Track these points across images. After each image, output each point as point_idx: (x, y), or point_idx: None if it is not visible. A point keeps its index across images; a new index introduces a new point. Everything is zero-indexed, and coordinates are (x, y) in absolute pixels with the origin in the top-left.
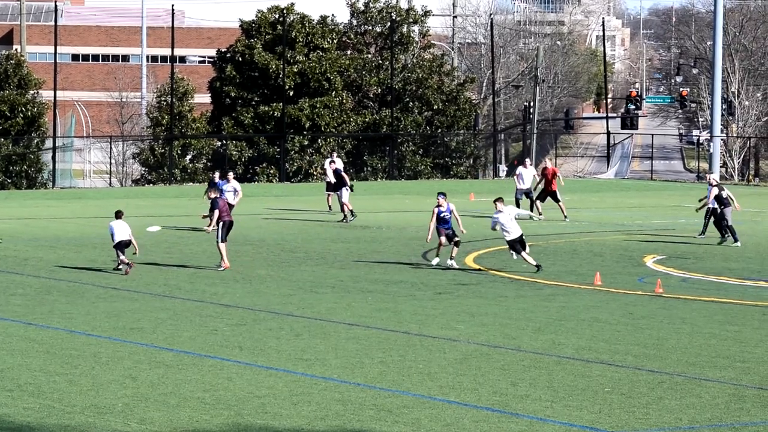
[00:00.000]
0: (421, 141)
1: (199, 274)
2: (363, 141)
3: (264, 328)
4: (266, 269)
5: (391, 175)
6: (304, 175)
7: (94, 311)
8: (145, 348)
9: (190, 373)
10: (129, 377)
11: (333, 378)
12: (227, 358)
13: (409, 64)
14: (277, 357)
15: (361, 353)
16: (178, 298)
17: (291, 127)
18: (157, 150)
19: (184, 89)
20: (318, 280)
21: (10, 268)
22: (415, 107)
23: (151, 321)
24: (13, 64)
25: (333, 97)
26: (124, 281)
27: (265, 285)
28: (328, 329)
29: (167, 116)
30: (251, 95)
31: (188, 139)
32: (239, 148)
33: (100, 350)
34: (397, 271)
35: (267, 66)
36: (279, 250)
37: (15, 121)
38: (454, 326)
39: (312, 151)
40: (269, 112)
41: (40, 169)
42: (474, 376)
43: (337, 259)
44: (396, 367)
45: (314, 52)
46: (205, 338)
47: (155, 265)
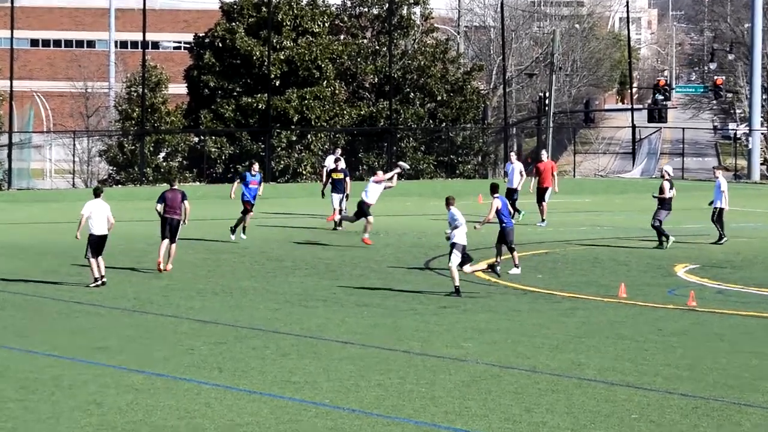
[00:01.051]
0: (423, 136)
1: (173, 287)
2: (358, 136)
3: (247, 346)
4: (249, 281)
5: None
6: (291, 174)
7: (55, 328)
8: (112, 370)
9: (163, 399)
10: (94, 403)
11: (324, 403)
12: (205, 381)
13: (409, 50)
14: (262, 380)
15: (356, 375)
16: (149, 313)
17: (277, 121)
18: (127, 147)
19: (157, 78)
20: (308, 293)
21: None
22: (416, 98)
23: (119, 339)
24: None
25: (324, 88)
26: (88, 294)
27: (248, 298)
28: (319, 348)
29: (138, 109)
30: (232, 85)
31: (162, 135)
32: (219, 144)
33: (62, 373)
34: (396, 282)
35: (250, 53)
36: (264, 259)
37: None
38: (460, 344)
39: (301, 147)
40: (253, 105)
41: None
42: (483, 401)
43: (329, 268)
44: (395, 391)
45: (303, 37)
46: (180, 359)
47: (124, 274)
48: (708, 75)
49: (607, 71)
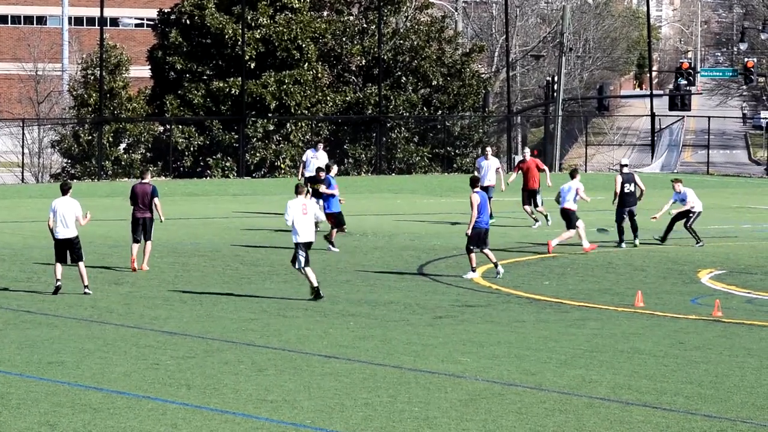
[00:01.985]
0: (417, 125)
1: (135, 294)
2: (343, 125)
3: (218, 361)
4: (221, 287)
5: (379, 169)
6: (269, 168)
7: (2, 341)
8: (66, 387)
9: (123, 419)
10: (46, 424)
11: (305, 424)
12: (171, 400)
13: (401, 28)
14: (235, 398)
15: (341, 393)
16: (109, 323)
17: (252, 108)
18: (83, 137)
19: (116, 60)
20: (287, 301)
21: None
22: (408, 83)
23: (75, 353)
24: None
25: (305, 71)
26: (40, 302)
27: (219, 307)
28: (300, 363)
29: (95, 94)
30: (202, 68)
31: (122, 123)
32: (187, 134)
33: (10, 390)
34: (386, 289)
35: (222, 31)
36: (237, 263)
37: None
38: (458, 359)
39: (279, 138)
40: (225, 90)
41: None
42: (483, 422)
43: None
44: (385, 411)
45: (281, 14)
46: (143, 374)
47: (79, 281)
48: (737, 57)
49: (624, 53)
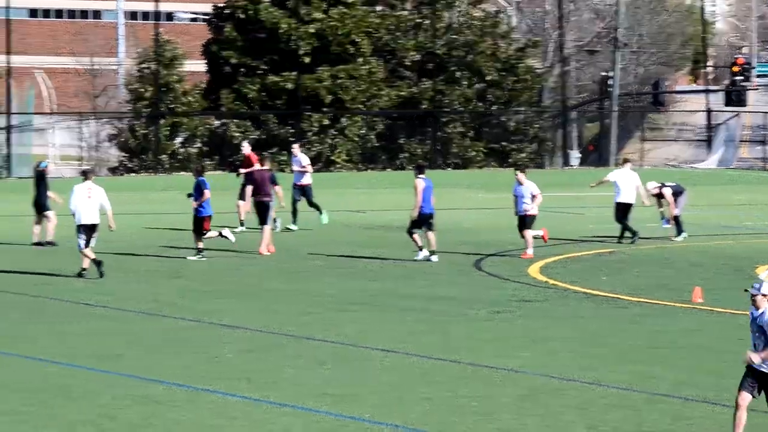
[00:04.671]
0: (471, 120)
1: (196, 288)
2: (398, 120)
3: (278, 355)
4: (280, 281)
5: (434, 163)
6: (324, 162)
7: (63, 333)
8: (127, 380)
9: (183, 412)
10: (106, 416)
11: (365, 418)
12: (231, 393)
13: (455, 23)
14: (295, 391)
15: (400, 387)
16: (169, 316)
17: (307, 103)
18: (139, 131)
19: (171, 54)
20: (345, 296)
21: None
22: (463, 78)
23: (136, 346)
24: None
25: (360, 66)
26: (100, 295)
27: (278, 301)
28: (359, 357)
29: (151, 88)
30: (257, 62)
31: (178, 118)
32: (242, 128)
33: (70, 382)
34: (444, 284)
35: (276, 25)
36: (296, 258)
37: None
38: (516, 354)
39: (334, 132)
40: (280, 84)
41: None
42: (541, 417)
43: (368, 268)
44: (444, 405)
45: (335, 8)
46: (203, 368)
47: (141, 274)
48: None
49: (679, 48)
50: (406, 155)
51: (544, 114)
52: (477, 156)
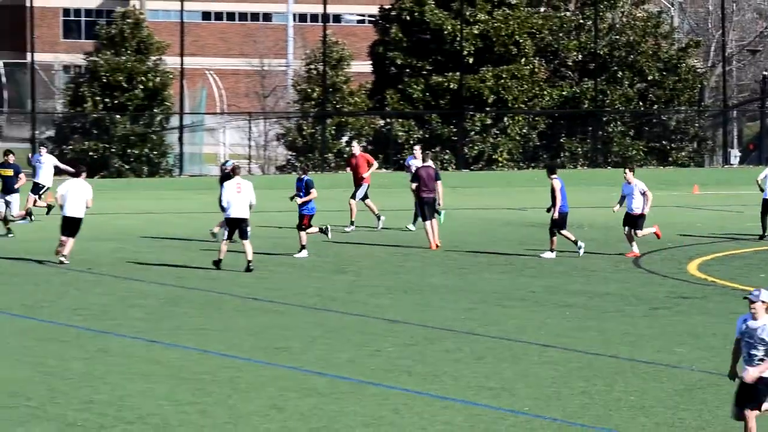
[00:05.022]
0: (632, 120)
1: (359, 283)
2: (560, 119)
3: (439, 349)
4: (441, 277)
5: (595, 162)
6: (486, 161)
7: (232, 327)
8: (293, 372)
9: (347, 404)
10: (274, 408)
11: (523, 411)
12: (393, 386)
13: (617, 24)
14: (455, 385)
15: (558, 382)
16: (333, 311)
17: (471, 103)
18: (306, 130)
19: (339, 55)
20: (505, 291)
21: (129, 273)
22: (624, 78)
23: (301, 339)
24: (130, 24)
25: (522, 66)
26: (268, 290)
27: (439, 297)
28: (518, 351)
29: (318, 89)
30: (422, 63)
31: (344, 117)
32: (407, 127)
33: (239, 375)
34: (602, 281)
35: (441, 27)
36: (456, 254)
37: (133, 93)
38: (673, 349)
39: (497, 132)
40: (444, 84)
41: (164, 153)
42: (699, 412)
43: (527, 265)
44: (601, 400)
45: (499, 10)
46: (366, 361)
47: (305, 270)
48: None
49: None
50: (567, 154)
51: (705, 113)
52: (637, 154)
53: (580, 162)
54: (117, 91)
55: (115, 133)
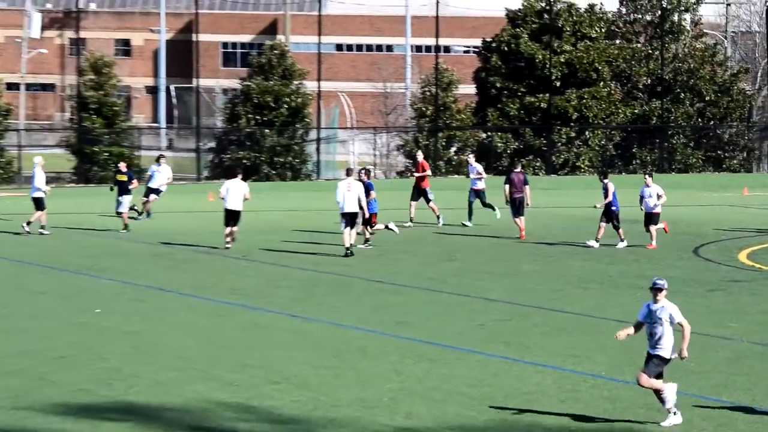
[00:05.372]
0: (693, 133)
1: (464, 269)
2: (632, 133)
3: (530, 323)
4: (533, 264)
5: (661, 168)
6: (571, 168)
7: (361, 304)
8: (410, 342)
9: (455, 368)
10: (394, 371)
11: (601, 375)
12: (493, 354)
13: (679, 53)
14: (544, 353)
15: (631, 351)
16: (444, 292)
17: (558, 119)
18: (422, 141)
19: (448, 80)
20: (586, 276)
21: (276, 260)
22: (686, 98)
23: (418, 315)
24: (277, 55)
25: (601, 88)
26: (389, 274)
27: (531, 280)
28: (596, 326)
29: (431, 107)
30: (517, 86)
31: (453, 131)
32: (504, 139)
33: (367, 344)
34: (667, 267)
35: (533, 56)
36: (545, 245)
37: (279, 112)
38: (726, 324)
39: (579, 143)
40: (535, 103)
41: (304, 161)
42: (747, 376)
43: (605, 254)
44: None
45: (582, 42)
46: (471, 333)
47: (420, 257)
48: None
49: None
50: (638, 162)
51: (753, 128)
52: (696, 162)
53: (648, 169)
54: (266, 109)
55: (264, 145)
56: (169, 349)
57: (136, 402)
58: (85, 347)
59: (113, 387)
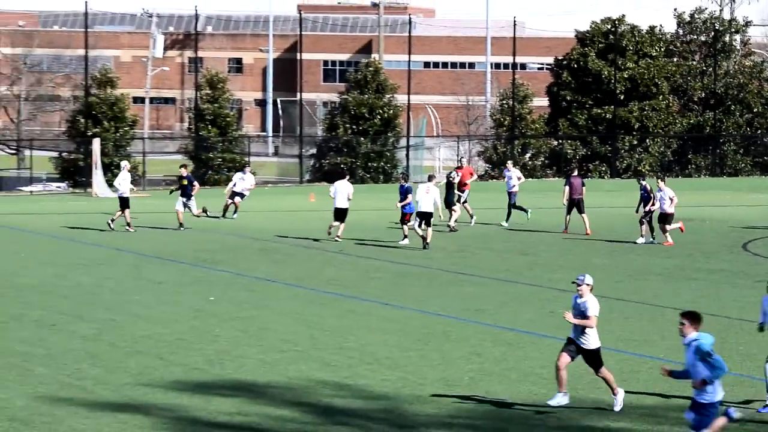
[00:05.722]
0: (742, 141)
1: (538, 262)
2: (688, 141)
3: None
4: (600, 258)
5: (714, 173)
6: (633, 172)
7: (445, 294)
8: (489, 328)
9: (529, 351)
10: (475, 354)
11: (659, 357)
12: (563, 338)
13: (730, 70)
14: (608, 337)
15: None
16: (519, 282)
17: (621, 128)
18: (500, 148)
19: (524, 93)
20: (646, 268)
21: (369, 254)
22: (736, 110)
23: (495, 303)
24: (371, 71)
25: (660, 101)
26: (471, 267)
27: (598, 272)
28: (655, 313)
29: (509, 118)
30: (585, 99)
31: (528, 139)
32: (574, 147)
33: (450, 329)
34: (718, 261)
35: (600, 72)
36: (609, 241)
37: (373, 122)
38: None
39: (641, 150)
40: (601, 114)
41: (395, 166)
42: None
43: (662, 249)
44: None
45: (643, 60)
46: (543, 320)
47: (495, 252)
48: None
49: None
50: (693, 167)
51: None
52: (745, 167)
53: (702, 173)
54: (361, 120)
55: (359, 151)
56: (274, 333)
57: (244, 380)
58: (200, 331)
59: (224, 366)
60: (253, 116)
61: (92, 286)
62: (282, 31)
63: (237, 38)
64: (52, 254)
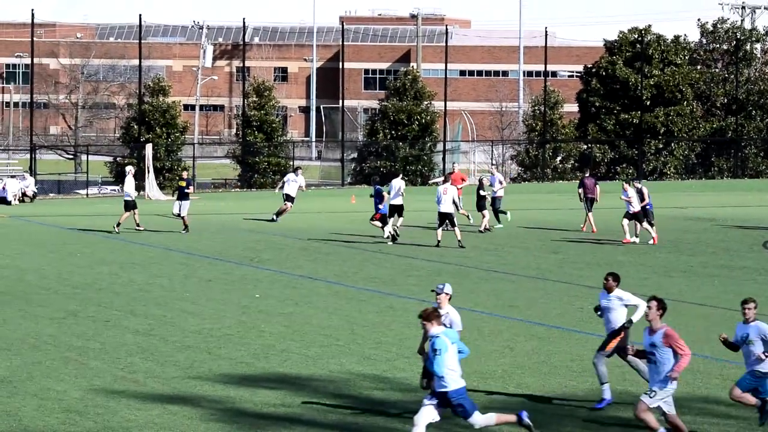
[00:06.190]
0: (762, 144)
1: (567, 260)
2: (711, 145)
3: None
4: (625, 256)
5: (736, 175)
6: (659, 174)
7: (478, 290)
8: (521, 323)
9: (559, 345)
10: (507, 348)
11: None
12: (592, 333)
13: (751, 77)
14: (634, 332)
15: (708, 329)
16: (548, 279)
17: (647, 133)
18: (532, 152)
19: (555, 100)
20: (671, 266)
21: (406, 252)
22: (756, 115)
23: (527, 299)
24: (410, 79)
25: (684, 107)
26: (503, 265)
27: (624, 269)
28: (679, 309)
29: (540, 123)
30: (613, 105)
31: (558, 143)
32: (602, 150)
33: (483, 324)
34: (740, 258)
35: (627, 79)
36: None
37: (411, 127)
38: None
39: (666, 153)
40: (628, 119)
41: (432, 169)
42: None
43: (686, 247)
44: None
45: (668, 67)
46: (572, 315)
47: (524, 249)
48: None
49: None
50: (716, 169)
51: None
52: (766, 169)
53: (725, 175)
54: (400, 125)
55: (398, 155)
56: (316, 328)
57: (288, 373)
58: (246, 326)
59: (269, 360)
60: (297, 122)
61: (144, 283)
62: (325, 41)
63: (282, 48)
64: (106, 254)
